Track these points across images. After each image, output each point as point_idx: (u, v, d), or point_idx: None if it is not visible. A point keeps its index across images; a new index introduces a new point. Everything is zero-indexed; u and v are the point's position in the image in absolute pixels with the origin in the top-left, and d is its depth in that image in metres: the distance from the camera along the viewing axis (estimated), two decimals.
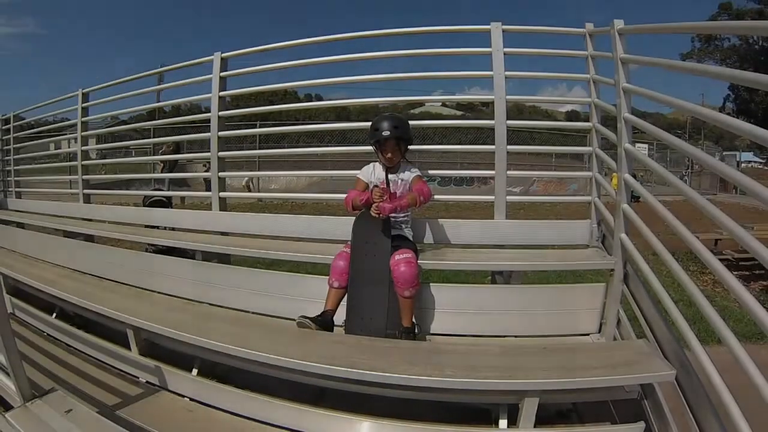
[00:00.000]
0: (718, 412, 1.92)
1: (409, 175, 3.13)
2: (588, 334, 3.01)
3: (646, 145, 24.89)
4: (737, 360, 1.68)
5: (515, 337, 3.02)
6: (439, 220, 3.50)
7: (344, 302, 2.97)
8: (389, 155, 3.06)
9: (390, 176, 3.12)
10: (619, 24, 2.78)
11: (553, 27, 3.48)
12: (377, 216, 2.85)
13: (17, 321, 4.36)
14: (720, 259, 1.88)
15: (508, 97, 3.44)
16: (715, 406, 1.93)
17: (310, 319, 2.82)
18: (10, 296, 4.51)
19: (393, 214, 2.93)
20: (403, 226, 3.13)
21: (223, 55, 4.19)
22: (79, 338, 3.72)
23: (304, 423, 2.48)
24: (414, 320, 2.94)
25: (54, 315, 4.18)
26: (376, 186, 3.01)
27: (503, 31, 3.43)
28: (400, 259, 2.83)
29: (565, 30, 3.51)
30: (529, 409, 2.23)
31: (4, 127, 7.15)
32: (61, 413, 2.35)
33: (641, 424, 2.24)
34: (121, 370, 3.32)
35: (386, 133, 3.00)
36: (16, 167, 7.05)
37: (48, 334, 4.09)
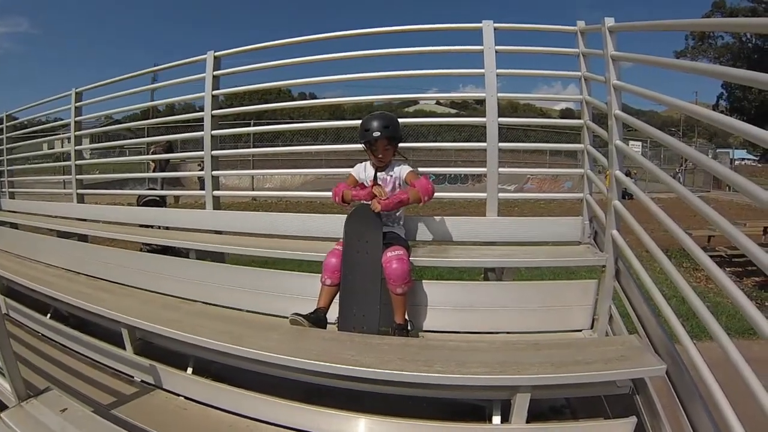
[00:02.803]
0: (708, 406, 1.94)
1: (399, 170, 3.11)
2: (580, 330, 3.02)
3: (640, 143, 25.02)
4: (726, 354, 1.70)
5: (507, 333, 3.03)
6: (431, 217, 3.51)
7: (337, 299, 2.98)
8: (380, 155, 3.06)
9: (379, 174, 3.12)
10: (609, 21, 2.80)
11: (544, 25, 3.49)
12: (376, 210, 2.85)
13: (12, 321, 4.34)
14: (713, 256, 1.90)
15: (500, 94, 3.46)
16: (706, 400, 1.95)
17: (303, 316, 2.82)
18: (5, 297, 4.51)
19: (386, 211, 2.95)
20: (396, 223, 3.13)
21: (216, 53, 4.19)
22: (73, 338, 3.71)
23: (299, 420, 2.48)
24: (407, 317, 2.95)
25: (48, 315, 4.17)
26: (378, 185, 3.00)
27: (495, 29, 3.44)
28: (392, 256, 2.84)
29: (557, 28, 3.51)
30: (521, 404, 2.24)
31: None
32: (56, 412, 2.35)
33: (633, 419, 2.25)
34: (116, 370, 3.32)
35: (377, 133, 2.98)
36: (9, 167, 7.03)
37: (43, 335, 4.08)
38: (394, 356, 2.38)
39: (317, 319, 2.87)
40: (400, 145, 3.18)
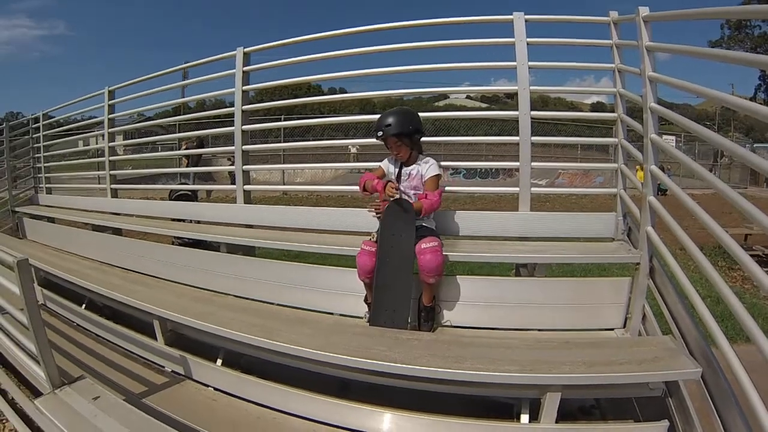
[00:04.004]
0: (745, 413, 1.87)
1: (424, 168, 3.08)
2: (612, 329, 2.97)
3: (673, 137, 24.43)
4: (766, 358, 1.63)
5: (539, 330, 2.99)
6: (463, 211, 3.49)
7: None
8: (395, 152, 3.07)
9: (405, 168, 3.13)
10: (644, 11, 2.72)
11: (576, 16, 3.42)
12: (390, 192, 2.91)
13: (48, 312, 4.49)
14: (750, 255, 1.82)
15: (532, 88, 3.40)
16: (742, 407, 1.88)
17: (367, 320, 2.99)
18: (42, 288, 4.65)
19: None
20: (426, 217, 3.09)
21: (246, 49, 4.22)
22: (107, 328, 3.81)
23: (327, 414, 2.51)
24: (434, 299, 2.99)
25: (83, 306, 4.28)
26: (390, 181, 3.01)
27: (526, 21, 3.38)
28: (426, 247, 2.83)
29: (589, 18, 3.43)
30: (551, 404, 2.21)
31: (34, 126, 7.31)
32: (88, 400, 2.42)
33: (665, 423, 2.20)
34: (148, 360, 3.40)
35: (379, 133, 3.01)
36: (46, 164, 7.21)
37: (77, 324, 4.20)
38: (425, 352, 2.38)
39: None
40: (432, 139, 3.15)
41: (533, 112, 3.39)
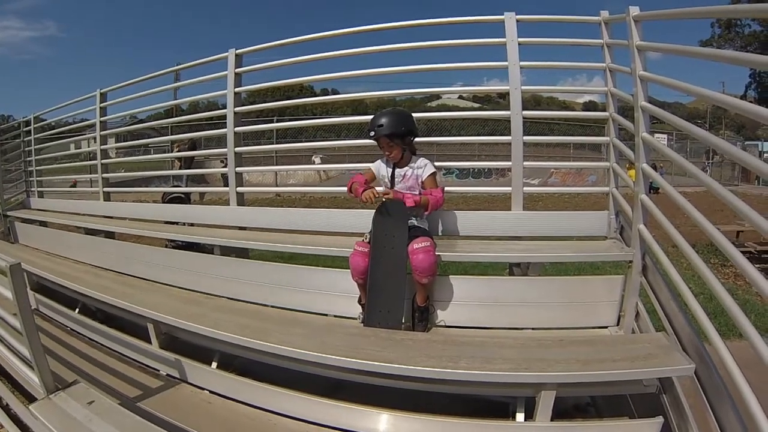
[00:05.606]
0: (738, 408, 1.88)
1: (423, 169, 3.11)
2: (606, 327, 2.97)
3: (665, 136, 24.55)
4: (759, 355, 1.64)
5: (532, 329, 3.00)
6: (455, 211, 3.49)
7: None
8: (387, 152, 3.08)
9: (398, 170, 3.14)
10: (634, 11, 2.73)
11: (567, 16, 3.43)
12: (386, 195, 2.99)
13: (41, 316, 4.46)
14: (742, 252, 1.83)
15: (524, 87, 3.40)
16: (736, 402, 1.89)
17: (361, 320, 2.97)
18: (34, 292, 4.62)
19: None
20: (419, 217, 3.10)
21: (238, 51, 4.20)
22: (101, 332, 3.79)
23: (320, 415, 2.51)
24: (428, 299, 2.99)
25: (77, 310, 4.27)
26: (370, 188, 3.06)
27: (517, 21, 3.39)
28: (419, 248, 2.83)
29: (580, 18, 3.44)
30: (546, 402, 2.21)
31: (25, 129, 7.26)
32: (83, 405, 2.41)
33: (659, 419, 2.21)
34: (142, 363, 3.39)
35: (372, 133, 3.03)
36: (38, 167, 7.17)
37: (71, 329, 4.19)
38: (419, 352, 2.38)
39: None
40: (424, 139, 3.16)
41: (525, 112, 3.40)
